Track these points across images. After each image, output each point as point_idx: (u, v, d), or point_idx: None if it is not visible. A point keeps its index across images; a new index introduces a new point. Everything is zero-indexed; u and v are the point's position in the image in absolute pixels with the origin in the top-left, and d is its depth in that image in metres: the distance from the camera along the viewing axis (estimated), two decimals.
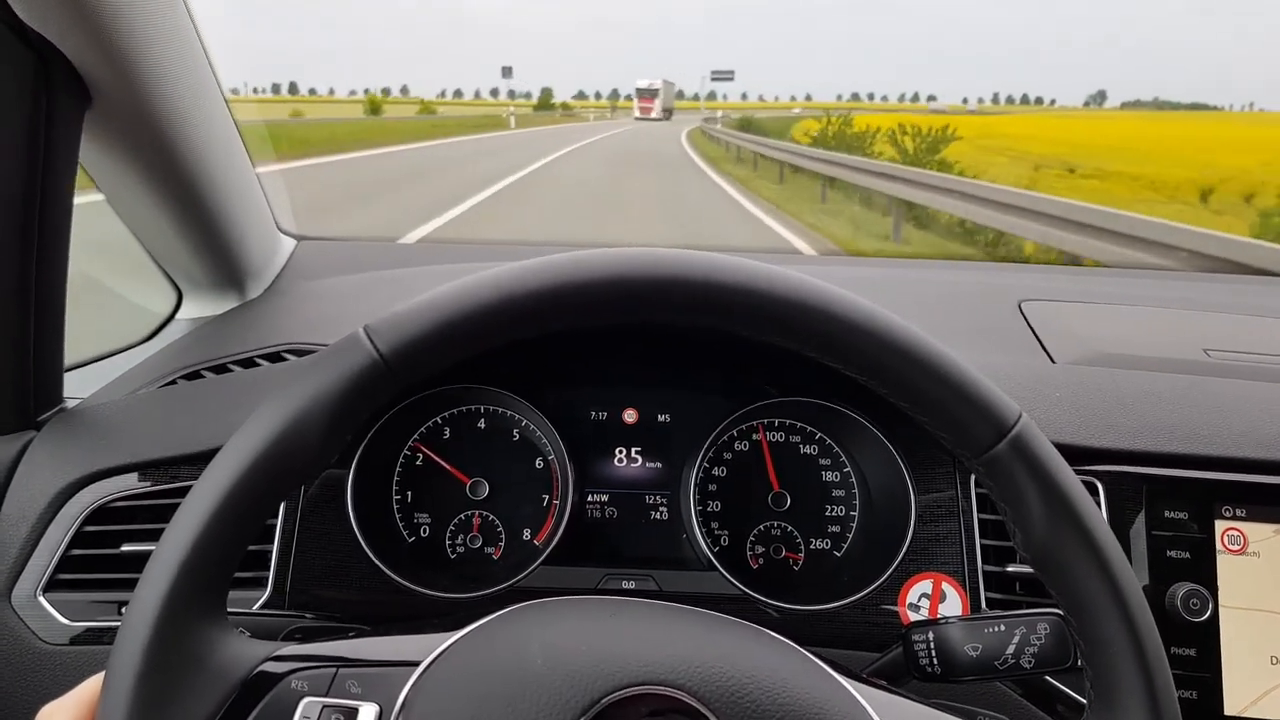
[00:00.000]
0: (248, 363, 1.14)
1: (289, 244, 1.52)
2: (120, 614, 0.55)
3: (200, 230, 1.20)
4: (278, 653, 0.58)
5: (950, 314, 1.28)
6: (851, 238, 10.04)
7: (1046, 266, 1.75)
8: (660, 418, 1.06)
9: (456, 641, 0.58)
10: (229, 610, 0.60)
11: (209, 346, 1.19)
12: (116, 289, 1.47)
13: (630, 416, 1.06)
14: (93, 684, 0.60)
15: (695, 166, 21.47)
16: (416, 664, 0.57)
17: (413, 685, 0.55)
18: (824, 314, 0.58)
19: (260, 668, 0.57)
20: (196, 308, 1.38)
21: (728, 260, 0.59)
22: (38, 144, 0.88)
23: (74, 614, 0.91)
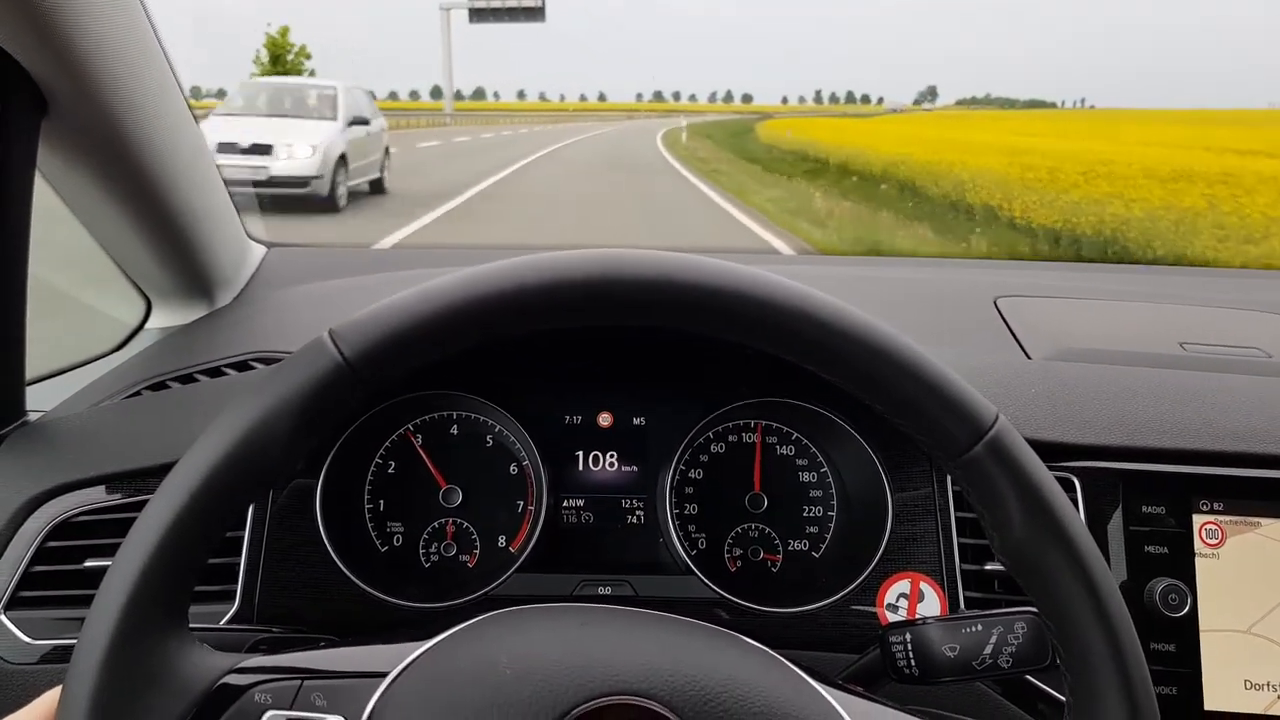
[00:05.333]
0: (214, 372, 1.12)
1: (259, 251, 1.51)
2: None
3: (166, 239, 1.18)
4: (241, 664, 0.57)
5: (926, 311, 1.28)
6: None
7: (1022, 262, 1.76)
8: (635, 421, 1.05)
9: (425, 652, 0.57)
10: (194, 626, 0.58)
11: (175, 357, 1.17)
12: (85, 299, 1.45)
13: (605, 420, 1.05)
14: (50, 697, 0.58)
15: None
16: (384, 675, 0.56)
17: (380, 697, 0.54)
18: (799, 316, 0.58)
19: (223, 680, 0.56)
20: (166, 317, 1.36)
21: (701, 261, 0.58)
22: None
23: (38, 632, 0.89)
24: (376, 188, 13.31)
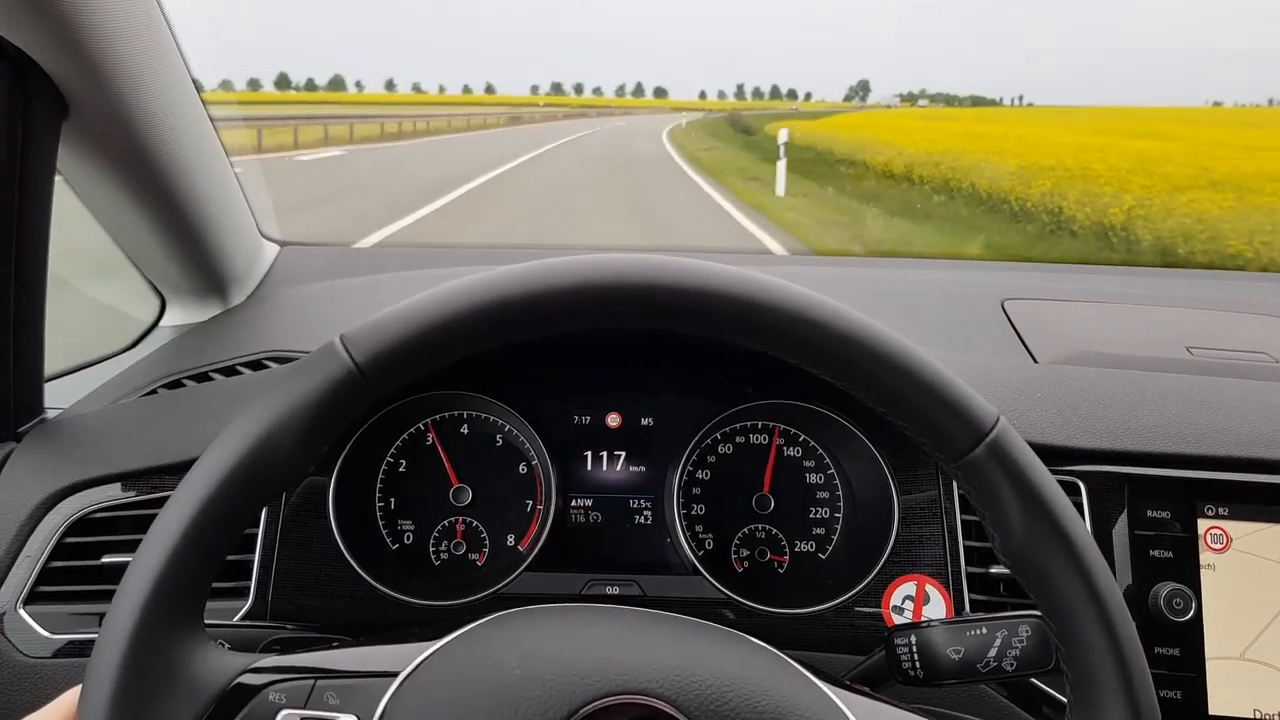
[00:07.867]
0: (229, 371, 1.13)
1: (272, 249, 1.52)
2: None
3: (181, 238, 1.20)
4: (255, 664, 0.58)
5: (932, 313, 1.28)
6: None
7: (1030, 264, 1.75)
8: (644, 421, 1.05)
9: (435, 652, 0.58)
10: (209, 623, 0.59)
11: (190, 355, 1.18)
12: (101, 296, 1.46)
13: (613, 420, 1.05)
14: (70, 697, 0.59)
15: None
16: (395, 674, 0.56)
17: (391, 696, 0.55)
18: (799, 318, 0.58)
19: (238, 680, 0.57)
20: (180, 315, 1.37)
21: (705, 266, 0.59)
22: (14, 155, 0.88)
23: (56, 627, 0.90)
24: None
